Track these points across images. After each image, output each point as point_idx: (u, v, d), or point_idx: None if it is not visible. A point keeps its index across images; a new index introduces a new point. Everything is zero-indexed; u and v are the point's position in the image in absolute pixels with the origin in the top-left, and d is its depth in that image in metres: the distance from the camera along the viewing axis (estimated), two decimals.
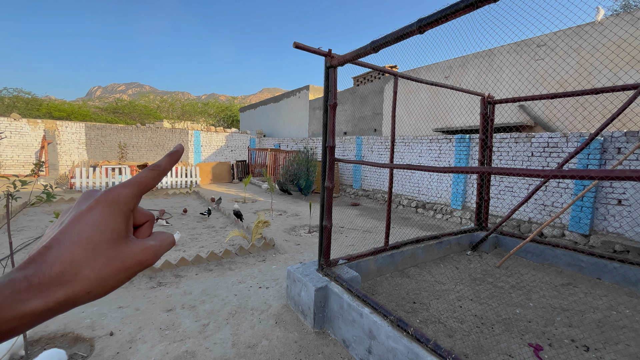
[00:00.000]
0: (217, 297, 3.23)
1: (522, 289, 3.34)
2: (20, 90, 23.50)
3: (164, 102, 30.92)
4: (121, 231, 0.31)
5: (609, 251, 4.77)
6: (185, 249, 4.67)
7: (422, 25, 1.76)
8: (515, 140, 6.28)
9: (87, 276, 0.28)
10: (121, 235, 0.31)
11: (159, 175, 0.35)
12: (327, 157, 2.96)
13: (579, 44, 6.61)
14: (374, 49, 2.22)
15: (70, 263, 0.28)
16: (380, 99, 12.25)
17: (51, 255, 0.28)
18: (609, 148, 5.01)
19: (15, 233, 5.11)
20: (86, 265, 0.28)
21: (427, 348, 1.90)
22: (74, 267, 0.28)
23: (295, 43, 2.72)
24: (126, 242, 0.31)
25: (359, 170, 10.56)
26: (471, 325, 2.65)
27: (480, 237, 4.46)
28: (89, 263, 0.28)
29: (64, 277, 0.27)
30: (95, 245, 0.29)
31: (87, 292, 0.28)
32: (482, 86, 8.38)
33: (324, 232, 2.99)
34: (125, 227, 0.32)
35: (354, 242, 5.19)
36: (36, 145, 12.32)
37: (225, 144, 16.69)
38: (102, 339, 2.51)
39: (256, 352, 2.41)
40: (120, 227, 0.31)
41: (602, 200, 5.09)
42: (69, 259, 0.28)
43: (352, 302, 2.44)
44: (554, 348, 2.38)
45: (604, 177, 1.34)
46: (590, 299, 3.14)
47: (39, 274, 0.26)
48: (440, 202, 7.88)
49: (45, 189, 2.14)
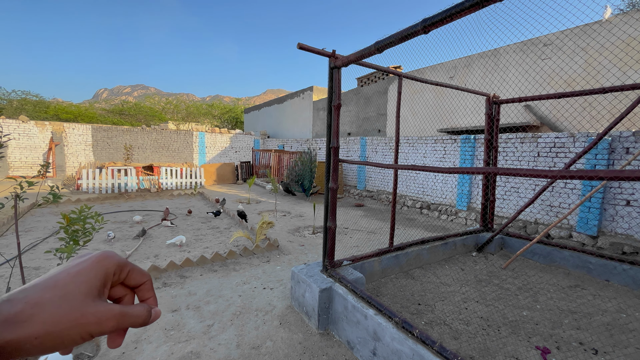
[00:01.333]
0: (221, 298, 3.24)
1: (529, 291, 3.30)
2: (28, 92, 23.89)
3: (169, 103, 31.21)
4: (95, 288, 0.32)
5: (618, 253, 4.69)
6: (190, 250, 4.69)
7: (427, 25, 1.75)
8: (521, 141, 6.21)
9: (44, 320, 0.28)
10: (93, 292, 0.31)
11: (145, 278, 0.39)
12: (331, 158, 2.96)
13: (587, 43, 6.53)
14: (378, 49, 2.21)
15: (34, 304, 0.28)
16: (385, 99, 12.22)
17: (19, 295, 0.28)
18: (617, 148, 4.93)
19: (23, 234, 5.18)
20: (48, 309, 0.28)
21: (432, 350, 1.88)
22: (35, 308, 0.28)
23: (299, 44, 2.73)
24: (94, 300, 0.31)
25: (363, 171, 10.53)
26: (477, 327, 2.62)
27: (486, 238, 4.41)
28: (51, 308, 0.28)
29: (20, 317, 0.27)
30: (65, 293, 0.29)
31: (35, 337, 0.27)
32: (488, 86, 8.32)
33: (328, 233, 2.98)
34: (100, 287, 0.33)
35: (359, 243, 5.17)
36: (44, 147, 12.50)
37: (229, 145, 16.77)
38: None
39: (260, 353, 2.40)
40: (96, 284, 0.32)
41: (611, 201, 5.01)
42: (34, 301, 0.28)
43: (357, 303, 2.43)
44: (561, 351, 2.34)
45: (613, 178, 1.31)
46: (599, 302, 3.09)
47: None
48: (446, 203, 7.83)
49: (51, 190, 2.16)
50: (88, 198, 8.60)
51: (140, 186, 10.50)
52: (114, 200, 8.74)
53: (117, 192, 9.80)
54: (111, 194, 9.32)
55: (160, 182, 10.96)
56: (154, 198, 9.39)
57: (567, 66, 6.86)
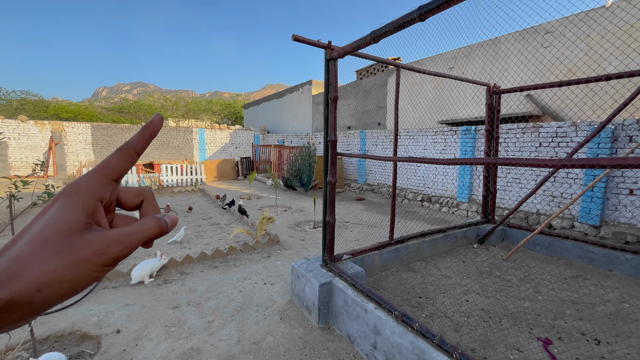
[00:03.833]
0: (222, 294, 3.24)
1: (531, 282, 3.28)
2: (28, 92, 23.86)
3: (168, 100, 31.10)
4: (78, 222, 0.28)
5: (620, 242, 4.66)
6: (191, 246, 4.70)
7: (424, 12, 1.69)
8: (523, 131, 6.14)
9: (33, 272, 0.26)
10: (78, 227, 0.28)
11: (129, 155, 0.32)
12: (329, 152, 2.92)
13: (592, 28, 6.39)
14: (374, 39, 2.16)
15: (16, 260, 0.26)
16: (384, 92, 12.10)
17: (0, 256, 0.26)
18: (621, 136, 4.86)
19: None
20: (32, 261, 0.26)
21: (432, 343, 1.87)
22: (18, 264, 0.26)
23: (294, 36, 2.67)
24: (82, 233, 0.28)
25: (364, 165, 10.49)
26: (478, 319, 2.61)
27: (487, 230, 4.39)
28: (35, 259, 0.26)
29: (5, 274, 0.25)
30: (44, 240, 0.27)
31: (37, 289, 0.26)
32: (488, 76, 8.20)
33: (327, 227, 2.96)
34: (85, 218, 0.29)
35: (359, 237, 5.16)
36: (44, 146, 12.51)
37: (229, 141, 16.73)
38: (108, 336, 2.53)
39: (261, 348, 2.40)
40: (76, 219, 0.29)
41: (614, 190, 4.96)
42: (15, 256, 0.26)
43: (357, 297, 2.42)
44: (563, 342, 2.33)
45: (616, 166, 1.27)
46: (601, 292, 3.07)
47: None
48: (446, 195, 7.79)
49: (47, 189, 2.14)
50: None
51: (141, 184, 10.51)
52: None
53: None
54: None
55: (161, 180, 10.96)
56: (155, 196, 9.39)
57: (571, 53, 6.74)
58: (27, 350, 2.33)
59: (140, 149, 0.32)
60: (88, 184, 0.30)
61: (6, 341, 2.35)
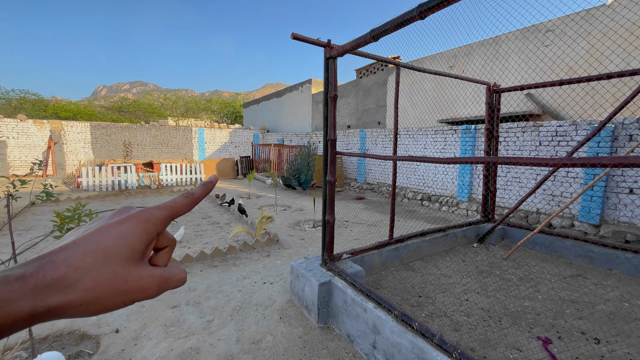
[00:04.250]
0: (221, 293, 3.24)
1: (531, 281, 3.27)
2: (27, 91, 23.80)
3: (168, 99, 31.05)
4: (138, 252, 0.30)
5: (620, 241, 4.66)
6: (190, 246, 4.69)
7: (423, 10, 1.68)
8: (523, 130, 6.13)
9: (86, 286, 0.27)
10: (137, 256, 0.30)
11: (192, 202, 0.35)
12: (329, 151, 2.91)
13: (594, 26, 6.37)
14: (373, 37, 2.14)
15: (76, 269, 0.27)
16: (384, 91, 12.08)
17: (61, 256, 0.27)
18: (621, 135, 4.85)
19: (24, 232, 5.20)
20: (90, 275, 0.27)
21: (432, 343, 1.86)
22: (78, 273, 0.27)
23: (293, 34, 2.66)
24: (137, 265, 0.30)
25: (364, 164, 10.48)
26: (478, 318, 2.61)
27: (487, 229, 4.38)
28: (93, 273, 0.27)
29: (64, 282, 0.26)
30: (107, 257, 0.28)
31: (79, 304, 0.26)
32: (488, 75, 8.19)
33: (327, 226, 2.95)
34: (144, 249, 0.31)
35: (359, 236, 5.15)
36: (43, 145, 12.48)
37: (229, 140, 16.71)
38: (107, 336, 2.53)
39: (260, 348, 2.40)
40: (139, 247, 0.30)
41: (614, 189, 4.95)
42: (76, 264, 0.27)
43: (356, 296, 2.41)
44: (563, 341, 2.33)
45: (616, 165, 1.27)
46: (601, 291, 3.06)
47: (38, 274, 0.25)
48: (446, 194, 7.78)
49: (45, 188, 2.13)
50: (88, 196, 8.61)
51: (141, 183, 10.49)
52: (114, 197, 8.75)
53: (117, 190, 9.79)
54: (111, 192, 9.32)
55: (161, 179, 10.95)
56: (154, 195, 9.39)
57: (572, 52, 6.72)
58: (26, 350, 2.33)
59: (200, 200, 0.36)
60: (158, 217, 0.32)
61: (5, 341, 2.34)
